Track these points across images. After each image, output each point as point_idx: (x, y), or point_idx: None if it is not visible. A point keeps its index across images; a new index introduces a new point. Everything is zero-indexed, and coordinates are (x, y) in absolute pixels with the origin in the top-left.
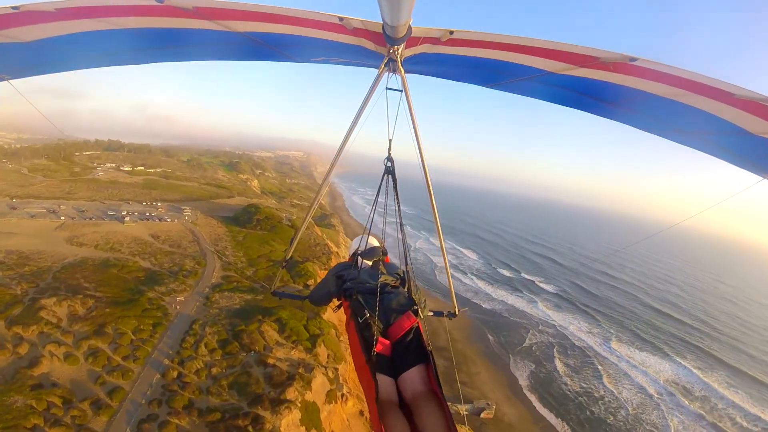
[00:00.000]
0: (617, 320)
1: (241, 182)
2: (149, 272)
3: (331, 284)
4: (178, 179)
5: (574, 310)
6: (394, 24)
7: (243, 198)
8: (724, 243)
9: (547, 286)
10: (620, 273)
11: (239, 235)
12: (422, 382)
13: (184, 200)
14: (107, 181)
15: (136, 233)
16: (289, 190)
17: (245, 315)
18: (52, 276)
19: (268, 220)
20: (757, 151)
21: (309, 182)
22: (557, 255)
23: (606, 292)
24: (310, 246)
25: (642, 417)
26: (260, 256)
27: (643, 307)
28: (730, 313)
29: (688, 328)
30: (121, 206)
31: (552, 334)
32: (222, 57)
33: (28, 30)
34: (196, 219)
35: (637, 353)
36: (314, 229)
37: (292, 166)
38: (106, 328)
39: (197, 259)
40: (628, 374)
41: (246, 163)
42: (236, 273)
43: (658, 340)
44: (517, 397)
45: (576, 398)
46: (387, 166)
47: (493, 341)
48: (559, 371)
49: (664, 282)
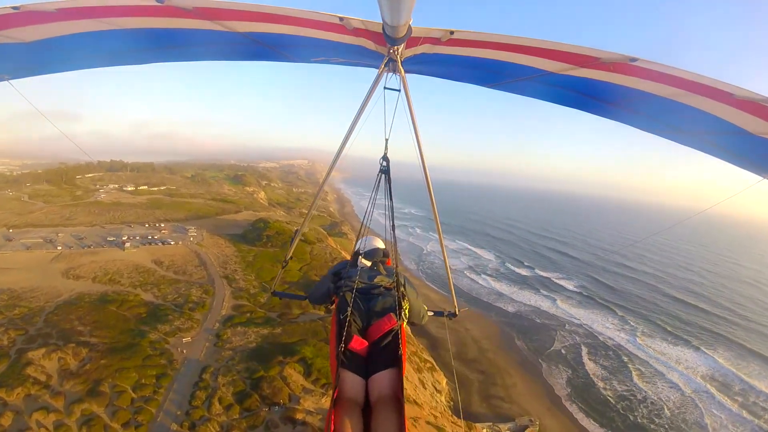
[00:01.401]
0: (641, 314)
1: (248, 195)
2: (151, 307)
3: (329, 282)
4: (183, 196)
5: (596, 306)
6: (394, 24)
7: (250, 212)
8: (739, 226)
9: (566, 283)
10: (638, 264)
11: (249, 254)
12: (389, 386)
13: (189, 219)
14: (110, 203)
15: (137, 260)
16: (297, 199)
17: (263, 356)
18: (44, 319)
19: (279, 235)
20: (757, 151)
21: (316, 190)
22: (571, 248)
23: (626, 284)
24: (327, 262)
25: (681, 417)
26: (274, 278)
27: (665, 297)
28: (753, 297)
29: (713, 317)
30: (122, 230)
31: (579, 333)
32: (222, 57)
33: (28, 30)
34: (201, 239)
35: (667, 348)
36: (328, 242)
37: (298, 175)
38: (102, 386)
39: (204, 286)
40: (661, 372)
41: (251, 175)
42: (249, 301)
43: (686, 332)
44: (558, 409)
45: (616, 404)
46: (382, 166)
47: (524, 347)
48: (595, 375)
49: (684, 269)
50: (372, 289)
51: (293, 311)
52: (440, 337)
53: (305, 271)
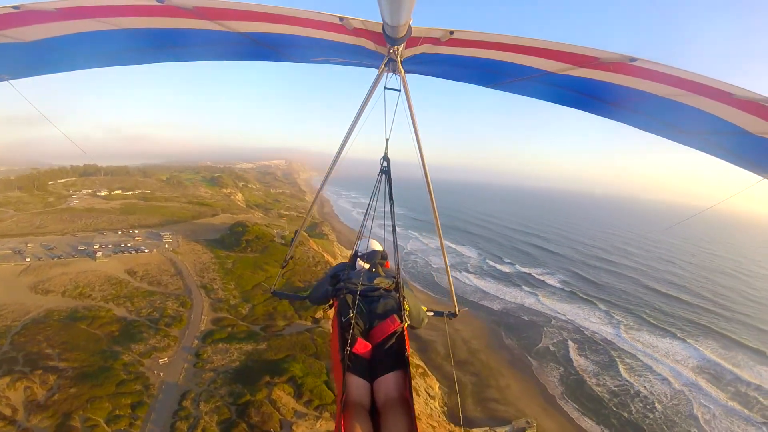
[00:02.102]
0: (626, 307)
1: (225, 197)
2: (125, 324)
3: (328, 283)
4: (158, 200)
5: (580, 301)
6: (394, 24)
7: (228, 215)
8: (717, 217)
9: (548, 278)
10: (619, 257)
11: (228, 261)
12: (396, 388)
13: (164, 224)
14: (82, 209)
15: (109, 271)
16: (275, 200)
17: (248, 377)
18: (10, 341)
19: (259, 239)
20: (757, 151)
21: (294, 190)
22: (551, 244)
23: (607, 278)
24: (310, 266)
25: (674, 410)
26: (255, 286)
27: (647, 290)
28: (734, 287)
29: (696, 309)
30: (94, 238)
31: (566, 329)
32: (222, 57)
33: (28, 30)
34: (177, 246)
35: (653, 341)
36: (309, 244)
37: (275, 175)
38: (73, 419)
39: (181, 298)
40: (650, 366)
41: (228, 176)
42: (229, 313)
43: (671, 324)
44: (554, 408)
45: (610, 400)
46: (383, 167)
47: (513, 346)
48: (586, 371)
49: (665, 262)
50: (372, 291)
51: (277, 323)
52: (430, 339)
53: (288, 277)
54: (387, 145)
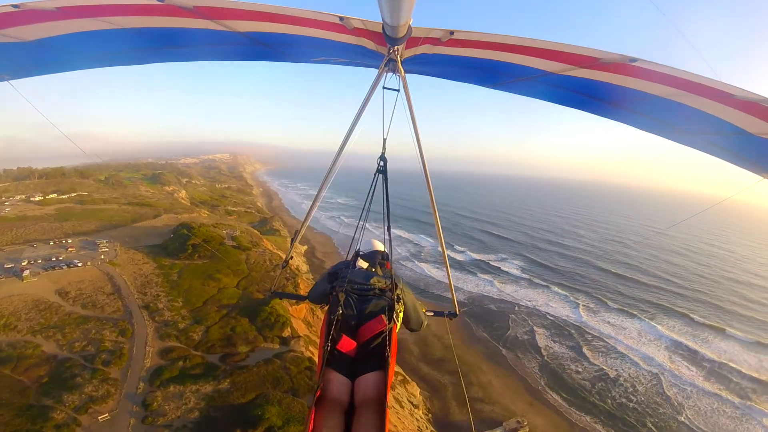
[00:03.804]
0: (584, 291)
1: (167, 195)
2: (55, 364)
3: (326, 282)
4: (96, 203)
5: (538, 287)
6: (394, 24)
7: (171, 215)
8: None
9: (503, 264)
10: (572, 240)
11: (173, 271)
12: (374, 388)
13: (102, 229)
14: (14, 217)
15: (38, 292)
16: (221, 196)
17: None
18: None
19: (207, 243)
20: (757, 151)
21: (240, 184)
22: (501, 229)
23: (562, 262)
24: (268, 271)
25: (654, 392)
26: (207, 301)
27: (601, 272)
28: (684, 265)
29: (653, 288)
30: (24, 252)
31: (532, 316)
32: (222, 57)
33: (28, 29)
34: (115, 256)
35: (618, 322)
36: (264, 244)
37: (220, 169)
38: None
39: (120, 324)
40: (616, 348)
41: (170, 173)
42: (179, 340)
43: (631, 306)
44: (540, 402)
45: (592, 387)
46: (380, 166)
47: (486, 338)
48: (563, 358)
49: (613, 243)
50: (367, 291)
51: (239, 349)
52: (401, 338)
53: (244, 287)
54: (384, 144)
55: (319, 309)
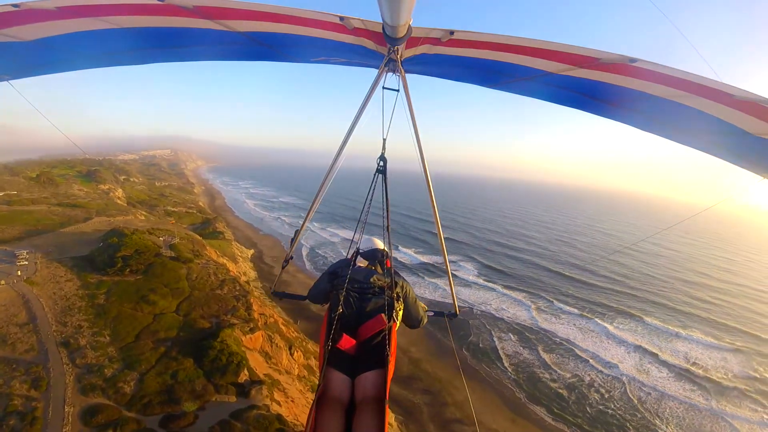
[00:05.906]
0: (539, 294)
1: (102, 195)
2: None
3: (326, 281)
4: (24, 203)
5: (491, 290)
6: (394, 24)
7: (103, 218)
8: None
9: (452, 267)
10: (516, 241)
11: (99, 291)
12: (374, 386)
13: (25, 236)
14: None
15: None
16: (161, 194)
17: None
18: None
19: (141, 254)
20: (757, 151)
21: (181, 182)
22: (446, 230)
23: (511, 263)
24: (214, 288)
25: (633, 394)
26: (140, 333)
27: (547, 272)
28: (630, 265)
29: (604, 290)
30: None
31: (492, 321)
32: (222, 57)
33: (28, 29)
34: (34, 272)
35: (580, 325)
36: (208, 253)
37: (160, 166)
38: None
39: (33, 371)
40: (574, 352)
41: (107, 170)
42: (106, 395)
43: (590, 311)
44: (522, 417)
45: (569, 396)
46: (379, 166)
47: (453, 348)
48: (534, 366)
49: (561, 244)
50: (367, 290)
51: (183, 404)
52: None
53: (185, 312)
54: (384, 144)
55: (246, 373)
